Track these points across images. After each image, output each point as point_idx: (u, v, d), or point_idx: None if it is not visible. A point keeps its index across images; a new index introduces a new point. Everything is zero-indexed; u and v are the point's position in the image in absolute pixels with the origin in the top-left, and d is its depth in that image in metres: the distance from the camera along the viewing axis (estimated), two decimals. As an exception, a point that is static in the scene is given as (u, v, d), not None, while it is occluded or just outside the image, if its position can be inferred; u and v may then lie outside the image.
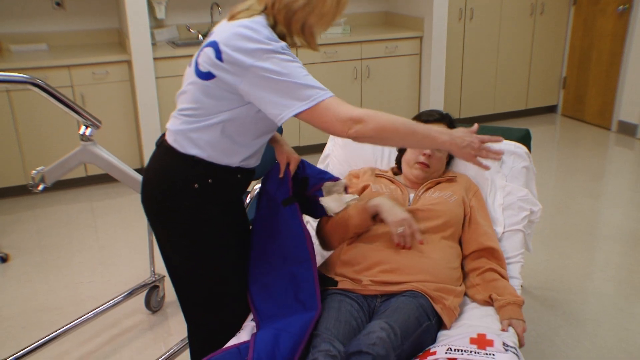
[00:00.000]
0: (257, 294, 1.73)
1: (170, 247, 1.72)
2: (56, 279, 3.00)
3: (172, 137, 1.63)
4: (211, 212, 1.65)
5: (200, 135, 1.57)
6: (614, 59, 5.07)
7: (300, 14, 1.55)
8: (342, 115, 1.45)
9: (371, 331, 1.50)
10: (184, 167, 1.60)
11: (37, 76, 2.58)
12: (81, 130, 2.38)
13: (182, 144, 1.60)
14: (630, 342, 2.42)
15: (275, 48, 1.47)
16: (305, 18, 1.56)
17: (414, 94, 4.88)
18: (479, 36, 5.14)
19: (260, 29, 1.50)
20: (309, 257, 1.71)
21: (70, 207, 3.87)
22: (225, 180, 1.63)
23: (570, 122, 5.51)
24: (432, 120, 2.12)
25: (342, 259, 1.84)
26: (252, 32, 1.48)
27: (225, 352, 1.55)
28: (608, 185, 4.00)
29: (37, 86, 2.22)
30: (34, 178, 2.36)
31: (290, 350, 1.51)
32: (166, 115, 4.13)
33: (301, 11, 1.54)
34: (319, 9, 1.55)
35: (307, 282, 1.68)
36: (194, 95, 1.56)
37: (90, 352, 2.44)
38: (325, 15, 1.57)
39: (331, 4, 1.56)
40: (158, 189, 1.64)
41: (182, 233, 1.66)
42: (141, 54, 3.87)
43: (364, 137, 1.48)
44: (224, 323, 1.75)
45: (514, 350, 1.53)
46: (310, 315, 1.61)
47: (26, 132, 3.86)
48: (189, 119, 1.58)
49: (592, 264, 3.03)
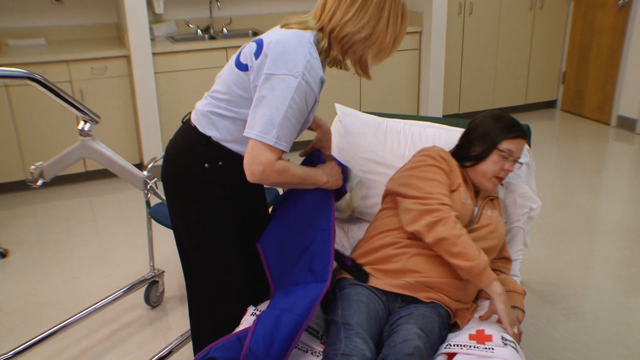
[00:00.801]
0: (272, 258, 1.74)
1: (182, 228, 1.78)
2: (56, 274, 3.00)
3: (195, 115, 1.70)
4: (218, 196, 1.69)
5: (221, 120, 1.64)
6: (613, 54, 5.06)
7: (359, 46, 1.62)
8: (264, 161, 1.53)
9: (407, 339, 1.49)
10: (199, 146, 1.66)
11: (36, 71, 2.58)
12: (80, 125, 2.37)
13: (203, 123, 1.66)
14: (629, 336, 2.42)
15: (299, 73, 1.51)
16: (363, 50, 1.64)
17: (413, 89, 4.88)
18: (479, 31, 5.13)
19: (303, 48, 1.53)
20: (329, 227, 1.72)
21: (69, 202, 3.87)
22: (235, 167, 1.66)
23: (570, 117, 5.51)
24: (519, 137, 1.91)
25: (378, 256, 1.79)
26: (294, 49, 1.53)
27: (225, 340, 1.57)
28: (607, 180, 4.00)
29: (36, 81, 2.22)
30: (32, 173, 2.36)
31: (290, 331, 1.53)
32: (165, 110, 4.13)
33: (361, 43, 1.61)
34: (379, 44, 1.63)
35: (322, 253, 1.69)
36: (227, 81, 1.63)
37: (89, 347, 2.44)
38: (383, 50, 1.64)
39: (390, 40, 1.63)
40: (174, 164, 1.72)
41: (191, 212, 1.72)
42: (140, 49, 3.86)
43: (267, 182, 1.59)
44: (229, 316, 1.78)
45: (512, 344, 1.53)
46: (319, 288, 1.61)
47: (25, 127, 3.86)
48: (216, 103, 1.65)
49: (591, 259, 3.04)
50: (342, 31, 1.59)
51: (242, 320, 1.72)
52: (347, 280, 1.76)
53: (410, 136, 2.28)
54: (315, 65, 1.54)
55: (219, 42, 4.17)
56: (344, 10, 1.58)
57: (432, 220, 1.66)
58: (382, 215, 1.92)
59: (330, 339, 1.55)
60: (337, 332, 1.54)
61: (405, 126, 2.32)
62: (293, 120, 1.53)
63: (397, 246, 1.76)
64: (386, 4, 1.58)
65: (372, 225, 1.94)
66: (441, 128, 2.27)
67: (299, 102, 1.52)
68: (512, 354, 1.47)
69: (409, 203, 1.76)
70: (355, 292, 1.68)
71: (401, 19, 1.63)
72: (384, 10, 1.58)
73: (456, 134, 2.19)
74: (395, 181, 1.88)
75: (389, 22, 1.60)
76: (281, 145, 1.53)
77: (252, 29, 4.69)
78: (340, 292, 1.71)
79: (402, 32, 1.66)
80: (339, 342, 1.49)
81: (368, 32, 1.59)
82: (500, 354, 1.46)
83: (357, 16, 1.57)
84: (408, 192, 1.79)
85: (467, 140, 1.96)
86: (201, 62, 4.12)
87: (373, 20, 1.58)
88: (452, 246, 1.63)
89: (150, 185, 2.54)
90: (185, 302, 2.74)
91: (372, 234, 1.88)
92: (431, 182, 1.78)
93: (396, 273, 1.73)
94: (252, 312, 1.73)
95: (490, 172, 1.89)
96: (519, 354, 1.51)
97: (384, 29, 1.60)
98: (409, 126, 2.31)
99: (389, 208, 1.91)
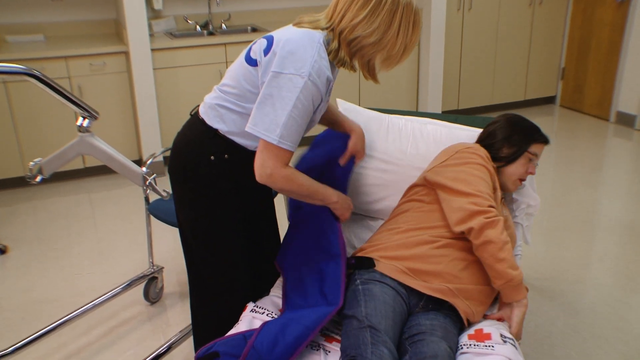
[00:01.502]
0: (291, 284, 1.76)
1: (188, 222, 1.77)
2: (55, 270, 3.00)
3: (203, 108, 1.70)
4: (224, 189, 1.69)
5: (228, 113, 1.65)
6: (613, 50, 5.06)
7: (367, 50, 1.60)
8: (271, 164, 1.55)
9: (436, 355, 1.46)
10: (206, 138, 1.67)
11: (34, 67, 2.57)
12: (79, 121, 2.37)
13: (210, 116, 1.67)
14: (627, 332, 2.43)
15: (305, 73, 1.50)
16: (372, 55, 1.62)
17: (412, 85, 4.87)
18: (478, 27, 5.12)
19: (312, 48, 1.52)
20: (340, 253, 1.71)
21: (68, 198, 3.86)
22: (240, 160, 1.67)
23: (569, 113, 5.51)
24: (547, 141, 1.97)
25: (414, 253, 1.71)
26: (302, 48, 1.52)
27: (230, 337, 1.57)
28: (606, 176, 4.01)
29: (34, 77, 2.21)
30: (31, 169, 2.36)
31: (295, 339, 1.52)
32: (164, 106, 4.12)
33: (370, 48, 1.59)
34: (388, 50, 1.59)
35: (334, 279, 1.68)
36: (237, 75, 1.63)
37: (89, 344, 2.45)
38: (391, 57, 1.62)
39: (400, 48, 1.60)
40: (181, 156, 1.72)
41: (198, 205, 1.72)
42: (139, 45, 3.85)
43: (274, 186, 1.60)
44: (232, 311, 1.79)
45: (512, 341, 1.53)
46: (329, 308, 1.61)
47: (23, 123, 3.85)
48: (224, 96, 1.65)
49: (590, 254, 3.04)
50: (351, 34, 1.56)
51: (242, 316, 1.72)
52: (371, 274, 1.67)
53: (412, 133, 2.27)
54: (323, 65, 1.54)
55: (218, 38, 4.17)
56: (354, 12, 1.55)
57: (484, 222, 1.63)
58: (413, 208, 1.85)
59: (352, 338, 1.48)
60: (362, 333, 1.47)
61: (407, 122, 2.31)
62: (298, 119, 1.53)
63: (435, 245, 1.70)
64: (398, 10, 1.55)
65: (401, 217, 1.85)
66: (442, 125, 2.26)
67: (305, 102, 1.52)
68: (512, 351, 1.47)
69: (460, 201, 1.70)
70: (382, 291, 1.61)
71: (413, 28, 1.60)
72: (396, 17, 1.55)
73: (457, 131, 2.19)
74: (441, 175, 1.80)
75: (399, 30, 1.57)
76: (285, 144, 1.53)
77: (251, 25, 4.68)
78: (364, 287, 1.63)
79: (413, 40, 1.62)
80: (366, 347, 1.43)
81: (377, 37, 1.56)
82: (500, 351, 1.46)
83: (368, 20, 1.54)
84: (459, 187, 1.72)
85: (489, 143, 1.95)
86: (200, 58, 4.11)
87: (384, 25, 1.55)
88: (499, 251, 1.62)
89: (149, 181, 2.53)
90: (185, 298, 2.74)
91: (404, 228, 1.79)
92: (482, 181, 1.75)
93: (434, 276, 1.67)
94: (252, 309, 1.73)
95: (517, 174, 1.92)
96: (517, 351, 1.51)
97: (394, 35, 1.57)
98: (410, 122, 2.31)
99: (422, 201, 1.84)
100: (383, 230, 1.86)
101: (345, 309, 1.61)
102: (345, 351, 1.48)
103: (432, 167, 1.90)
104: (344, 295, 1.64)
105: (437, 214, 1.78)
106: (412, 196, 1.90)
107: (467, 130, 2.20)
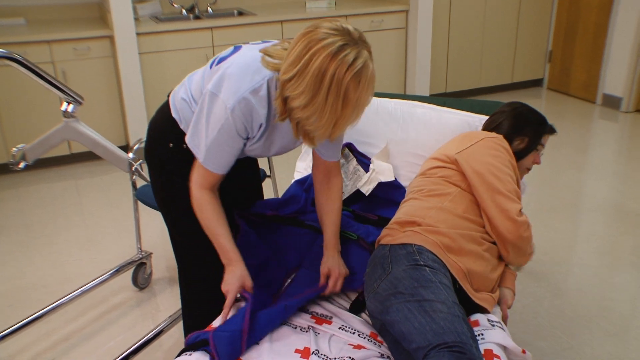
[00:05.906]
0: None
1: (160, 206, 1.80)
2: (42, 257, 2.98)
3: (173, 94, 1.69)
4: (186, 174, 1.65)
5: (185, 109, 1.63)
6: (599, 33, 5.07)
7: (296, 112, 1.39)
8: (194, 178, 1.59)
9: None
10: (167, 125, 1.68)
11: (16, 52, 2.53)
12: (63, 106, 2.34)
13: (174, 104, 1.67)
14: (613, 312, 2.46)
15: (230, 107, 1.44)
16: (299, 119, 1.41)
17: (400, 68, 4.86)
18: (465, 9, 5.10)
19: (250, 82, 1.45)
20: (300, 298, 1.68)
21: (54, 185, 3.83)
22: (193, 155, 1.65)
23: (556, 95, 5.53)
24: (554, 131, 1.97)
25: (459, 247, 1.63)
26: (240, 78, 1.46)
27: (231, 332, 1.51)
28: (593, 158, 4.04)
29: (16, 61, 2.17)
30: (14, 156, 2.33)
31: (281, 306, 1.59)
32: (150, 91, 4.08)
33: (298, 111, 1.38)
34: (317, 120, 1.37)
35: None
36: (203, 73, 1.60)
37: (78, 330, 2.44)
38: (320, 128, 1.39)
39: (329, 121, 1.36)
40: (148, 139, 1.76)
41: (163, 188, 1.75)
42: (123, 29, 3.79)
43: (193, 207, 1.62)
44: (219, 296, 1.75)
45: (499, 324, 1.54)
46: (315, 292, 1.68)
47: (6, 108, 3.80)
48: (187, 90, 1.64)
49: (576, 235, 3.07)
50: (283, 88, 1.39)
51: None
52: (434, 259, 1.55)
53: (402, 116, 2.26)
54: (255, 104, 1.46)
55: (204, 22, 4.12)
56: (285, 67, 1.36)
57: (526, 235, 1.70)
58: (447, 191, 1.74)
59: (442, 321, 1.36)
60: (459, 321, 1.37)
61: (396, 106, 2.30)
62: (225, 146, 1.51)
63: (483, 248, 1.68)
64: (325, 80, 1.31)
65: (447, 200, 1.73)
66: (431, 108, 2.26)
67: (231, 134, 1.49)
68: (502, 335, 1.48)
69: (505, 202, 1.67)
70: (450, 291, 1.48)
71: (342, 104, 1.34)
72: (323, 86, 1.32)
73: (447, 114, 2.19)
74: (482, 166, 1.73)
75: (326, 100, 1.33)
76: (208, 165, 1.54)
77: (237, 9, 4.62)
78: (432, 270, 1.50)
79: (344, 117, 1.36)
80: (467, 338, 1.33)
81: (304, 102, 1.34)
82: (490, 337, 1.46)
83: (296, 81, 1.34)
84: (500, 186, 1.69)
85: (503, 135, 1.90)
86: (186, 42, 4.06)
87: (309, 91, 1.33)
88: (528, 247, 1.75)
89: (135, 167, 2.51)
90: (174, 284, 2.74)
91: (446, 214, 1.68)
92: (512, 179, 1.75)
93: (483, 281, 1.64)
94: None
95: (527, 165, 1.92)
96: (506, 332, 1.52)
97: (320, 105, 1.34)
98: (400, 106, 2.30)
99: (460, 187, 1.75)
100: (432, 207, 1.71)
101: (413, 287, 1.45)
102: (432, 334, 1.33)
103: (458, 150, 1.81)
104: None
105: (476, 206, 1.74)
106: (449, 178, 1.79)
107: (456, 113, 2.20)
